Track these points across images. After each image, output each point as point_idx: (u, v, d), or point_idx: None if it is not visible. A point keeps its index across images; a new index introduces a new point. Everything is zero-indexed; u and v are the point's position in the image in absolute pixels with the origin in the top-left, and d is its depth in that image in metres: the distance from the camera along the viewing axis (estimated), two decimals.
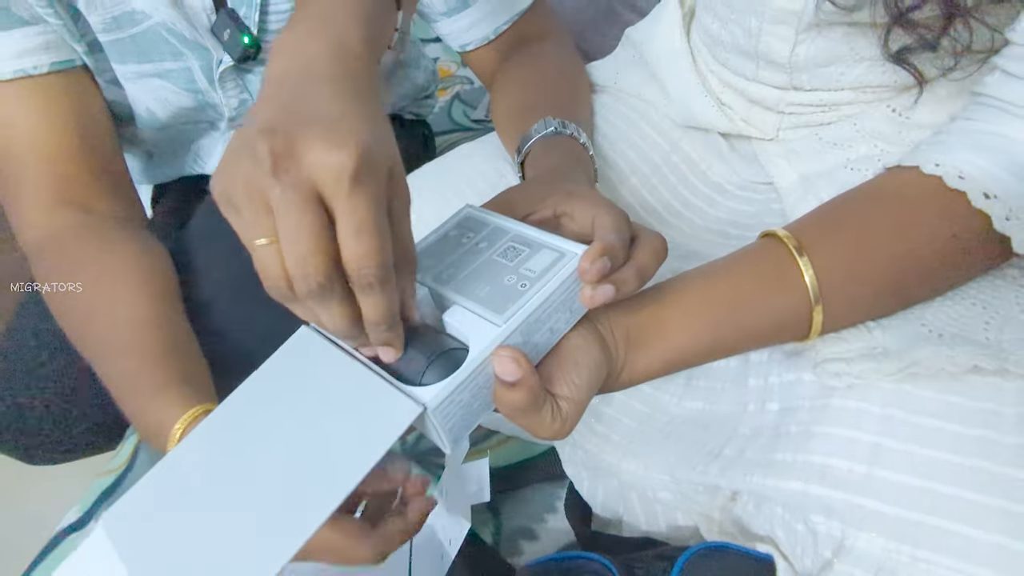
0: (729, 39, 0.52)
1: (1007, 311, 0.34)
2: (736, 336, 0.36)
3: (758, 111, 0.54)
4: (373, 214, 0.26)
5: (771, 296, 0.36)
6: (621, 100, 0.63)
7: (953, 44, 0.37)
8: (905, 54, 0.39)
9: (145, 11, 0.58)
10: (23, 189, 0.57)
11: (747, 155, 0.57)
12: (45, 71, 0.55)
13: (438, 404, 0.30)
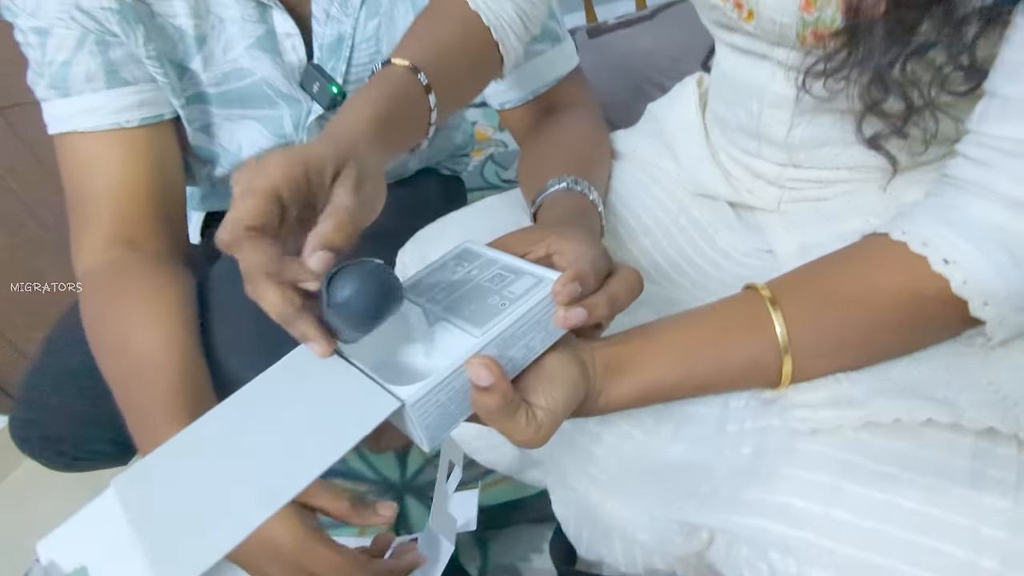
0: (734, 120, 0.57)
1: (969, 376, 0.37)
2: (708, 374, 0.39)
3: (761, 185, 0.59)
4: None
5: (743, 340, 0.39)
6: (638, 166, 0.68)
7: (923, 133, 0.42)
8: (878, 139, 0.43)
9: (251, 68, 0.66)
10: (88, 224, 0.64)
11: (751, 224, 0.61)
12: (135, 124, 0.63)
13: (416, 400, 0.33)
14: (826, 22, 0.43)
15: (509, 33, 0.57)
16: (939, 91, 0.40)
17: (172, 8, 0.62)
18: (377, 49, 0.70)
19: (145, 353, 0.57)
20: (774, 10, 0.45)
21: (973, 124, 0.37)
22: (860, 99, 0.42)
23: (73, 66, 0.60)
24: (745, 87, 0.54)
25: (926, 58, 0.38)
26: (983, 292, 0.35)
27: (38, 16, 0.60)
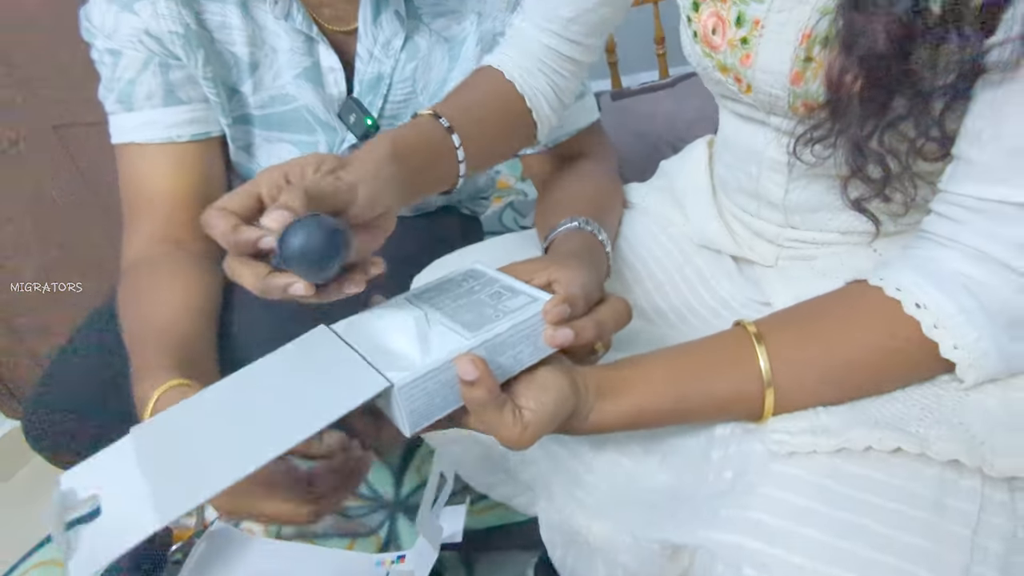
0: (735, 182, 0.61)
1: (942, 415, 0.39)
2: (696, 402, 0.42)
3: (761, 242, 0.62)
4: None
5: (728, 371, 0.42)
6: (648, 216, 0.72)
7: (903, 197, 0.46)
8: (862, 202, 0.47)
9: (295, 95, 0.73)
10: (140, 223, 0.70)
11: (751, 277, 0.64)
12: (186, 140, 0.70)
13: (404, 384, 0.36)
14: (813, 95, 0.48)
15: (543, 103, 0.63)
16: (915, 159, 0.43)
17: (231, 36, 0.69)
18: (412, 89, 0.76)
19: (158, 316, 0.62)
20: (768, 84, 0.50)
21: (943, 184, 0.42)
22: (845, 164, 0.46)
23: (137, 84, 0.68)
24: (745, 151, 0.58)
25: (900, 129, 0.42)
26: (953, 336, 0.38)
27: (113, 39, 0.67)
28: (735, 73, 0.53)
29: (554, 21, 0.62)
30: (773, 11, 0.48)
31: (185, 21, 0.66)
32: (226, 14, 0.68)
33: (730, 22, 0.51)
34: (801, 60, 0.48)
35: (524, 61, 0.63)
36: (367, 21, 0.70)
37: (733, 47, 0.52)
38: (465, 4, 0.73)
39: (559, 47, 0.63)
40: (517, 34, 0.64)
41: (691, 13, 0.54)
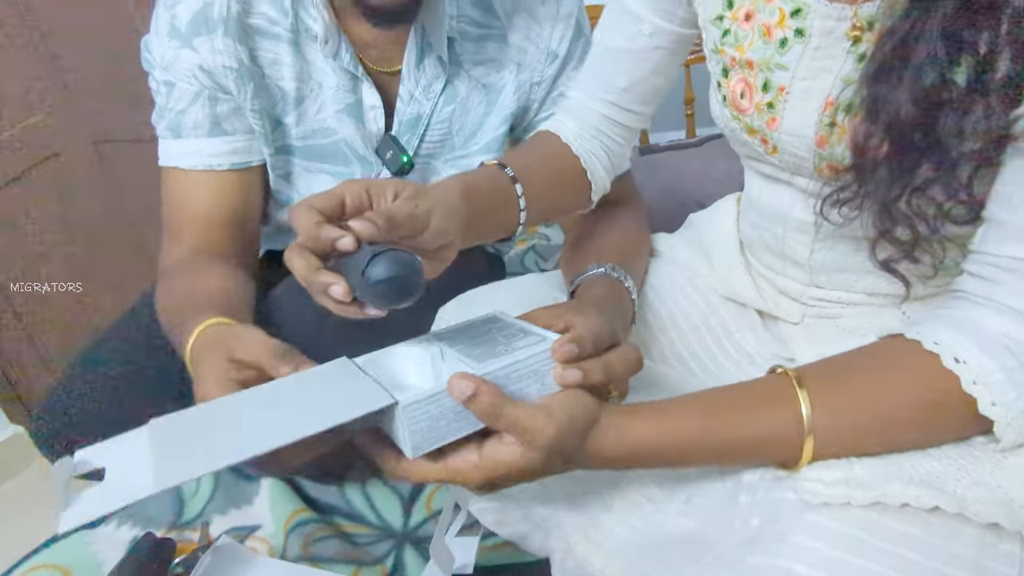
0: (760, 241, 0.63)
1: (979, 476, 0.38)
2: (727, 437, 0.41)
3: (785, 300, 0.63)
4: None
5: (766, 412, 0.42)
6: (675, 266, 0.73)
7: (932, 259, 0.46)
8: (890, 263, 0.48)
9: (336, 129, 0.76)
10: (179, 237, 0.74)
11: (776, 333, 0.64)
12: (225, 168, 0.73)
13: (408, 403, 0.37)
14: (838, 158, 0.49)
15: (597, 165, 0.67)
16: (943, 223, 0.44)
17: (281, 72, 0.73)
18: (448, 131, 0.79)
19: (199, 292, 0.65)
20: (794, 146, 0.52)
21: (975, 245, 0.42)
22: (872, 226, 0.46)
23: (186, 115, 0.72)
24: (771, 211, 0.60)
25: (928, 193, 0.43)
26: (992, 393, 0.38)
27: (169, 71, 0.71)
28: (762, 135, 0.55)
29: (609, 91, 0.65)
30: (797, 79, 0.51)
31: (239, 57, 0.69)
32: (279, 51, 0.72)
33: (757, 88, 0.53)
34: (825, 125, 0.50)
35: (580, 128, 0.66)
36: (411, 65, 0.74)
37: (760, 111, 0.54)
38: (505, 54, 0.76)
39: (613, 115, 0.66)
40: (573, 103, 0.68)
41: (721, 79, 0.57)
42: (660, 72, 0.64)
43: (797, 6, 0.49)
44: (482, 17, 0.75)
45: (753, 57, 0.53)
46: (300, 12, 0.70)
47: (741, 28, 0.53)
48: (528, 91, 0.78)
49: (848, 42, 0.48)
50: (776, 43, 0.51)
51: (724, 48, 0.55)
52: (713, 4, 0.56)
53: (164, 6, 0.71)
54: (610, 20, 0.65)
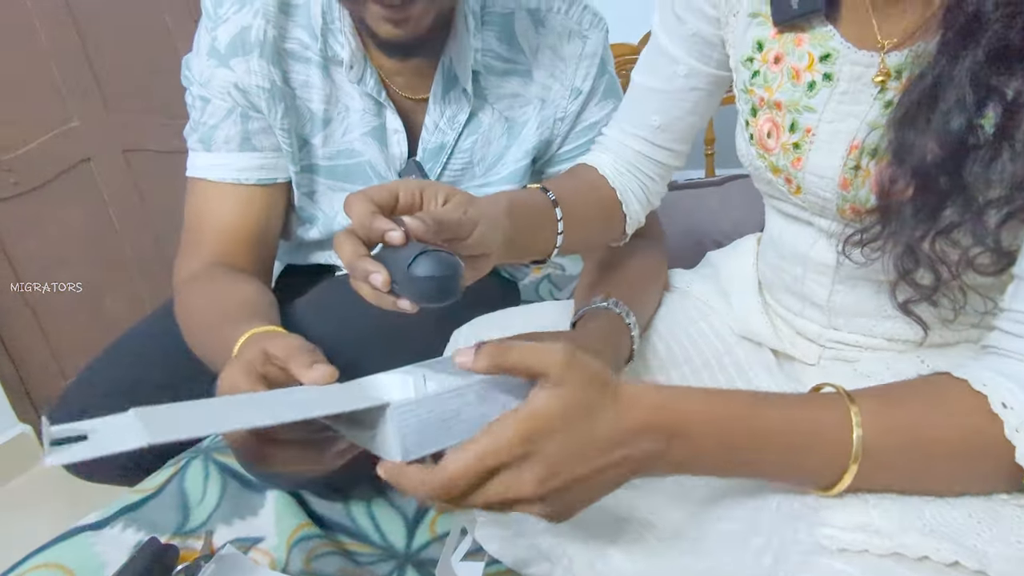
0: (779, 281, 0.63)
1: (1000, 532, 0.38)
2: (775, 424, 0.40)
3: (803, 341, 0.63)
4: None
5: (817, 409, 0.41)
6: (690, 301, 0.73)
7: (952, 303, 0.46)
8: (909, 305, 0.48)
9: (360, 151, 0.79)
10: (198, 246, 0.75)
11: (791, 374, 0.64)
12: (252, 183, 0.76)
13: (399, 404, 0.37)
14: (861, 200, 0.50)
15: (632, 199, 0.68)
16: (966, 270, 0.44)
17: (310, 94, 0.75)
18: (470, 160, 0.81)
19: (231, 300, 0.66)
20: (818, 187, 0.53)
21: (1006, 303, 0.42)
22: (894, 267, 0.47)
23: (218, 129, 0.74)
24: (791, 251, 0.60)
25: (952, 237, 0.43)
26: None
27: (206, 88, 0.74)
28: (786, 175, 0.55)
29: (644, 129, 0.67)
30: (824, 121, 0.52)
31: (272, 78, 0.72)
32: (309, 74, 0.75)
33: (784, 128, 0.54)
34: (850, 168, 0.50)
35: (616, 163, 0.68)
36: (437, 96, 0.76)
37: (786, 150, 0.55)
38: (529, 90, 0.78)
39: (649, 152, 0.68)
40: (609, 140, 0.70)
41: (749, 118, 0.58)
42: (696, 112, 0.66)
43: (826, 51, 0.51)
44: (508, 52, 0.77)
45: (781, 98, 0.54)
46: (329, 39, 0.73)
47: (771, 70, 0.55)
48: (551, 126, 0.80)
49: (875, 88, 0.49)
50: (804, 86, 0.52)
51: (753, 88, 0.56)
52: (744, 46, 0.57)
53: (205, 28, 0.74)
54: (647, 60, 0.66)
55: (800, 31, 0.52)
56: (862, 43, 0.49)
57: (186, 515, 0.70)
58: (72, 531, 0.69)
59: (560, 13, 0.77)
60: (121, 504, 0.73)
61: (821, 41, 0.51)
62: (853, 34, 0.50)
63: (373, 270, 0.41)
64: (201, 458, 0.78)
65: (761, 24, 0.55)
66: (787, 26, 0.52)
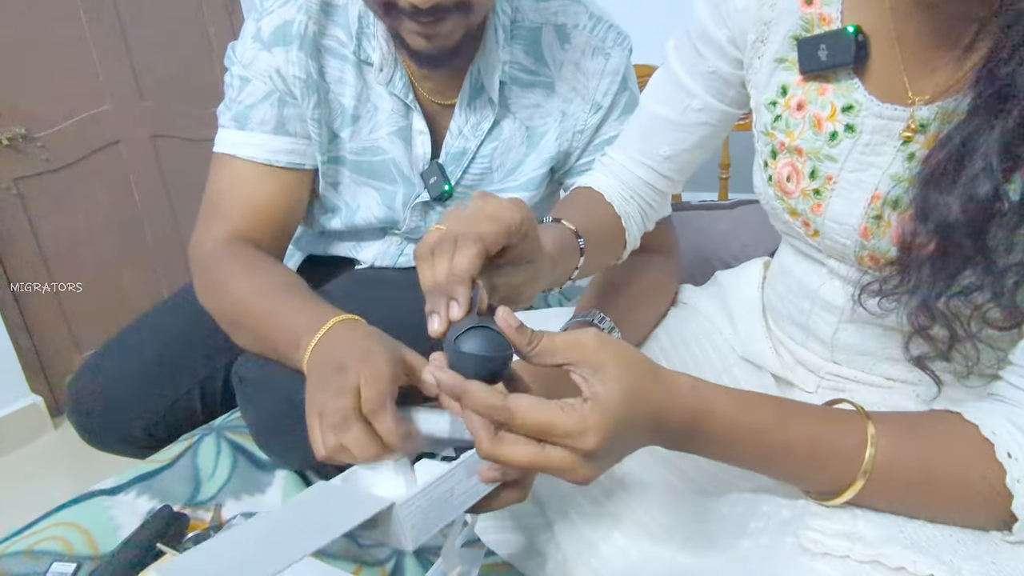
0: (785, 311, 0.64)
1: (977, 551, 0.40)
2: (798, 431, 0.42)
3: (802, 370, 0.64)
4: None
5: (836, 421, 0.43)
6: (693, 318, 0.75)
7: (965, 359, 0.47)
8: (923, 360, 0.49)
9: (386, 148, 0.82)
10: (219, 219, 0.78)
11: None
12: (282, 166, 0.79)
13: (404, 501, 0.42)
14: (882, 250, 0.50)
15: (633, 225, 0.70)
16: (980, 326, 0.45)
17: (343, 89, 0.79)
18: (489, 167, 0.84)
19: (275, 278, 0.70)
20: (837, 232, 0.53)
21: (1015, 357, 0.44)
22: (908, 321, 0.47)
23: (255, 110, 0.78)
24: (799, 285, 0.61)
25: (970, 297, 0.43)
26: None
27: (248, 69, 0.77)
28: (804, 218, 0.56)
29: (651, 157, 0.68)
30: (846, 171, 0.52)
31: (309, 70, 0.76)
32: (344, 71, 0.78)
33: (804, 174, 0.54)
34: (871, 217, 0.51)
35: (623, 190, 0.69)
36: (463, 103, 0.79)
37: (805, 196, 0.55)
38: (551, 102, 0.81)
39: (651, 180, 0.69)
40: (615, 165, 0.71)
41: (768, 159, 0.58)
42: (702, 146, 0.66)
43: (849, 103, 0.51)
44: (533, 65, 0.80)
45: (802, 145, 0.54)
46: (363, 41, 0.77)
47: (793, 116, 0.55)
48: (570, 138, 0.82)
49: (899, 140, 0.49)
50: (826, 135, 0.52)
51: (774, 132, 0.56)
52: (767, 89, 0.57)
53: (253, 18, 0.78)
54: (660, 89, 0.66)
55: (825, 81, 0.52)
56: (888, 97, 0.49)
57: (197, 487, 0.73)
58: (88, 494, 0.72)
59: (586, 30, 0.80)
60: (136, 472, 0.76)
61: (845, 92, 0.51)
62: (879, 88, 0.50)
63: (436, 311, 0.41)
64: (213, 435, 0.80)
65: (787, 69, 0.55)
66: (812, 75, 0.53)
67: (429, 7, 0.63)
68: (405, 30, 0.67)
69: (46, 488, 1.46)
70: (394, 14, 0.66)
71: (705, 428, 0.42)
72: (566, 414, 0.37)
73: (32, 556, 0.64)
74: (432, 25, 0.65)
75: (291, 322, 0.62)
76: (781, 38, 0.55)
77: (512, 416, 0.37)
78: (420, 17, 0.64)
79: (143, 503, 0.70)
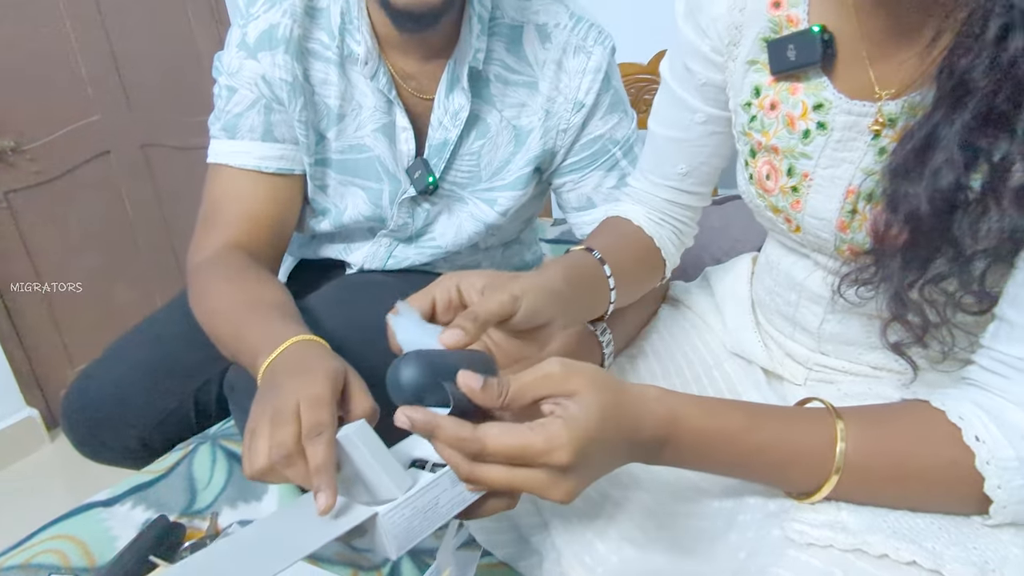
0: (772, 304, 0.65)
1: (959, 537, 0.41)
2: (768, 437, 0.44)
3: (791, 362, 0.65)
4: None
5: (806, 424, 0.44)
6: (684, 314, 0.76)
7: (941, 345, 0.48)
8: (900, 346, 0.50)
9: (370, 146, 0.82)
10: (215, 229, 0.78)
11: (779, 392, 0.66)
12: (272, 171, 0.80)
13: (387, 511, 0.43)
14: (859, 242, 0.52)
15: (668, 244, 0.70)
16: (954, 312, 0.46)
17: (328, 90, 0.80)
18: (477, 164, 0.84)
19: (261, 291, 0.70)
20: (817, 227, 0.55)
21: (986, 341, 0.45)
22: (886, 309, 0.48)
23: (243, 118, 0.78)
24: (786, 278, 0.62)
25: (941, 285, 0.45)
26: (1000, 476, 0.40)
27: (234, 78, 0.78)
28: (786, 215, 0.57)
29: (670, 178, 0.68)
30: (820, 167, 0.53)
31: (295, 73, 0.77)
32: (328, 72, 0.79)
33: (782, 172, 0.56)
34: (847, 212, 0.52)
35: (650, 214, 0.70)
36: (441, 95, 0.80)
37: (784, 193, 0.56)
38: (535, 100, 0.82)
39: (677, 199, 0.69)
40: (638, 192, 0.71)
41: (748, 159, 0.59)
42: (718, 154, 0.66)
43: (819, 101, 0.52)
44: (516, 64, 0.81)
45: (778, 144, 0.55)
46: (347, 37, 0.78)
47: (767, 116, 0.56)
48: (555, 137, 0.83)
49: (869, 135, 0.50)
50: (800, 134, 0.53)
51: (751, 132, 0.58)
52: (742, 90, 0.58)
53: (237, 25, 0.78)
54: (663, 111, 0.67)
55: (796, 80, 0.53)
56: (856, 94, 0.51)
57: (193, 496, 0.73)
58: (84, 506, 0.72)
59: (566, 29, 0.80)
60: (131, 483, 0.76)
61: (815, 91, 0.52)
62: (848, 85, 0.51)
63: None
64: (209, 444, 0.81)
65: (759, 71, 0.56)
66: (783, 75, 0.54)
67: None
68: None
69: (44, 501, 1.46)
70: None
71: (677, 437, 0.42)
72: (535, 433, 0.38)
73: (29, 570, 0.64)
74: None
75: (252, 339, 0.62)
76: (752, 41, 0.56)
77: (484, 446, 0.38)
78: None
79: (139, 514, 0.71)
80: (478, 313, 0.44)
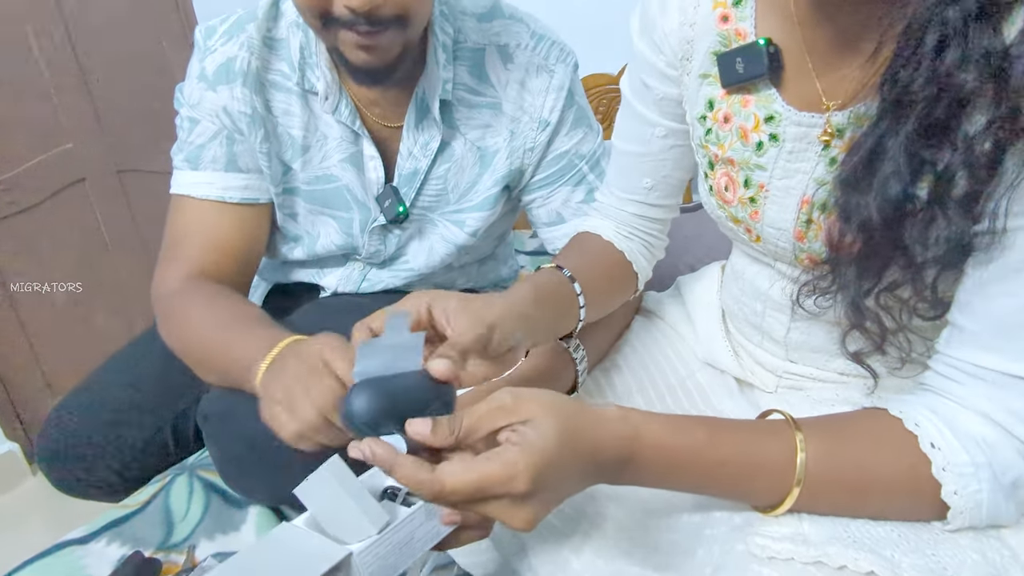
0: (740, 313, 0.66)
1: (918, 545, 0.41)
2: (729, 452, 0.44)
3: (761, 370, 0.66)
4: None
5: (766, 437, 0.45)
6: (656, 325, 0.76)
7: (899, 352, 0.49)
8: (860, 355, 0.51)
9: (338, 176, 0.83)
10: (179, 260, 0.79)
11: (752, 400, 0.67)
12: (236, 201, 0.80)
13: (359, 551, 0.42)
14: (816, 251, 0.53)
15: (639, 258, 0.71)
16: (909, 318, 0.47)
17: (291, 121, 0.80)
18: (444, 187, 0.84)
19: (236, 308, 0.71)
20: (776, 237, 0.56)
21: (940, 347, 0.45)
22: (844, 317, 0.49)
23: (206, 149, 0.79)
24: (752, 288, 0.63)
25: (896, 293, 0.46)
26: (956, 483, 0.41)
27: (196, 110, 0.78)
28: (746, 225, 0.58)
29: (636, 192, 0.68)
30: (775, 178, 0.54)
31: (254, 105, 0.77)
32: (290, 103, 0.79)
33: (739, 184, 0.56)
34: (803, 221, 0.53)
35: (619, 228, 0.70)
36: (411, 125, 0.80)
37: (743, 204, 0.57)
38: (499, 121, 0.82)
39: (646, 212, 0.70)
40: (606, 207, 0.72)
41: (708, 171, 0.60)
42: (681, 166, 0.67)
43: (770, 113, 0.53)
44: (478, 86, 0.81)
45: (733, 156, 0.56)
46: (307, 72, 0.77)
47: (721, 129, 0.57)
48: (521, 156, 0.83)
49: (820, 146, 0.51)
50: (753, 146, 0.54)
51: (708, 145, 0.59)
52: (696, 104, 0.59)
53: (197, 59, 0.78)
54: (624, 127, 0.68)
55: (747, 92, 0.54)
56: (805, 105, 0.51)
57: (170, 530, 0.73)
58: (59, 545, 0.71)
59: (528, 49, 0.80)
60: (107, 519, 0.75)
61: (765, 103, 0.53)
62: (796, 97, 0.52)
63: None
64: (186, 475, 0.80)
65: (711, 84, 0.57)
66: (734, 88, 0.55)
67: (365, 11, 0.63)
68: (344, 43, 0.67)
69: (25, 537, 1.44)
70: (331, 27, 0.66)
71: (640, 455, 0.43)
72: (492, 463, 0.38)
73: None
74: (371, 36, 0.66)
75: (244, 349, 0.62)
76: (703, 55, 0.57)
77: (443, 486, 0.38)
78: (358, 27, 0.65)
79: (114, 551, 0.70)
80: (461, 344, 0.45)
